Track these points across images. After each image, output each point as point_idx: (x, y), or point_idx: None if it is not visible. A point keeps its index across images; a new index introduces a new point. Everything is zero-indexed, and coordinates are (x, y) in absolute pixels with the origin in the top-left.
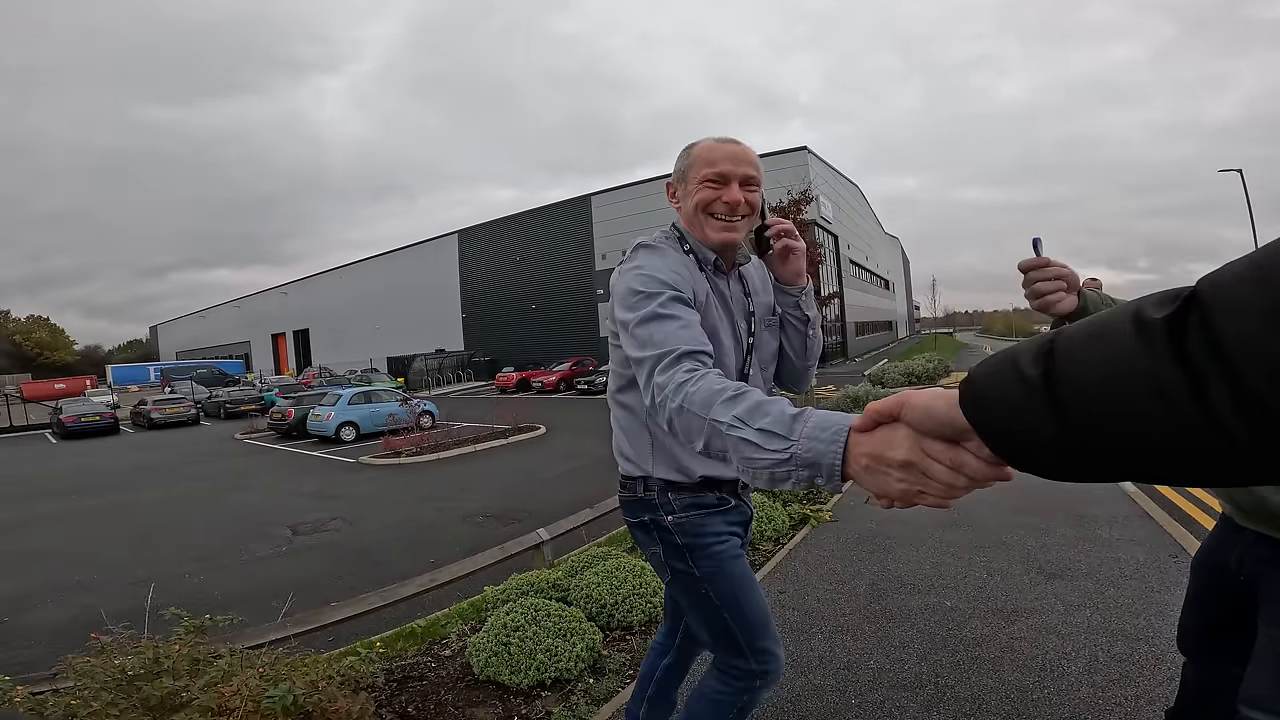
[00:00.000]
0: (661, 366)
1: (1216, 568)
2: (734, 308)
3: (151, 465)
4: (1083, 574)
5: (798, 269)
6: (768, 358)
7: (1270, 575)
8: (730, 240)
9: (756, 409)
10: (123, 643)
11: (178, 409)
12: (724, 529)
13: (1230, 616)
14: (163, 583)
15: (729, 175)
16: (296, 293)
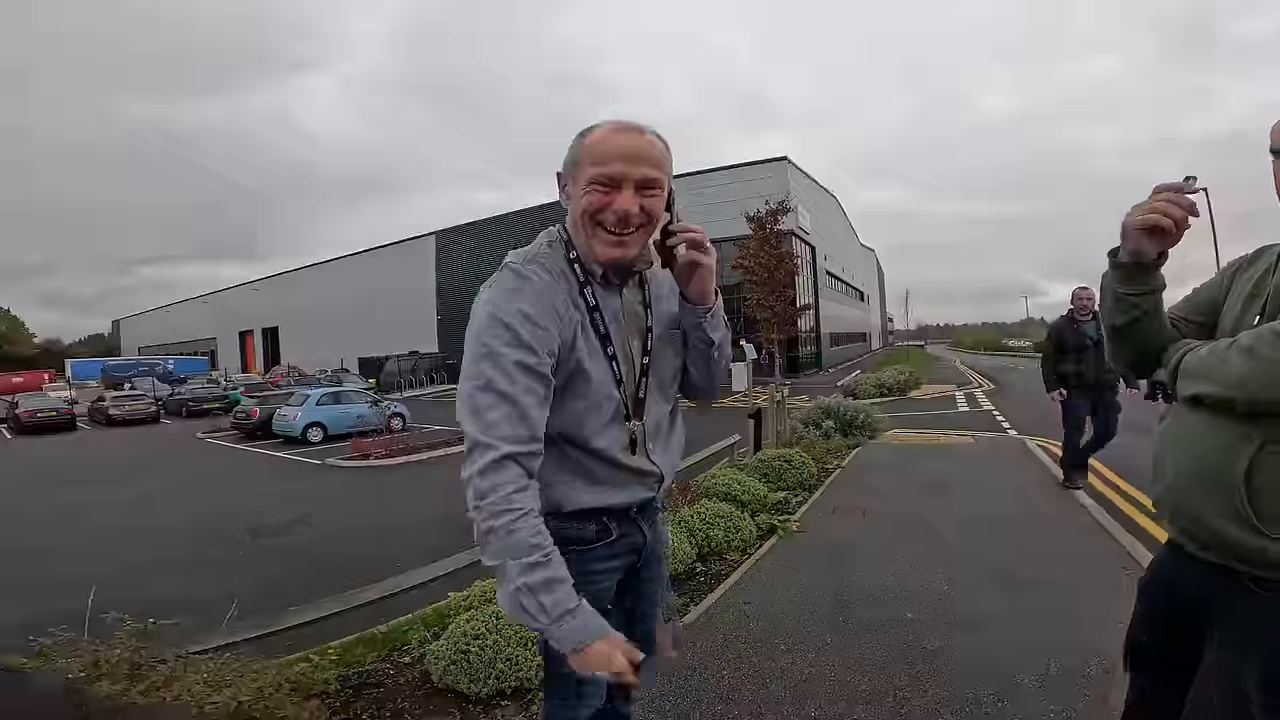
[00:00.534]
0: (484, 467)
1: (1165, 591)
2: (627, 324)
3: (107, 463)
4: (1038, 586)
5: (704, 288)
6: (668, 376)
7: (1220, 603)
8: (619, 258)
9: (547, 585)
10: (63, 646)
11: (137, 406)
12: (597, 568)
13: (1177, 639)
14: (112, 586)
15: (622, 178)
16: (268, 289)
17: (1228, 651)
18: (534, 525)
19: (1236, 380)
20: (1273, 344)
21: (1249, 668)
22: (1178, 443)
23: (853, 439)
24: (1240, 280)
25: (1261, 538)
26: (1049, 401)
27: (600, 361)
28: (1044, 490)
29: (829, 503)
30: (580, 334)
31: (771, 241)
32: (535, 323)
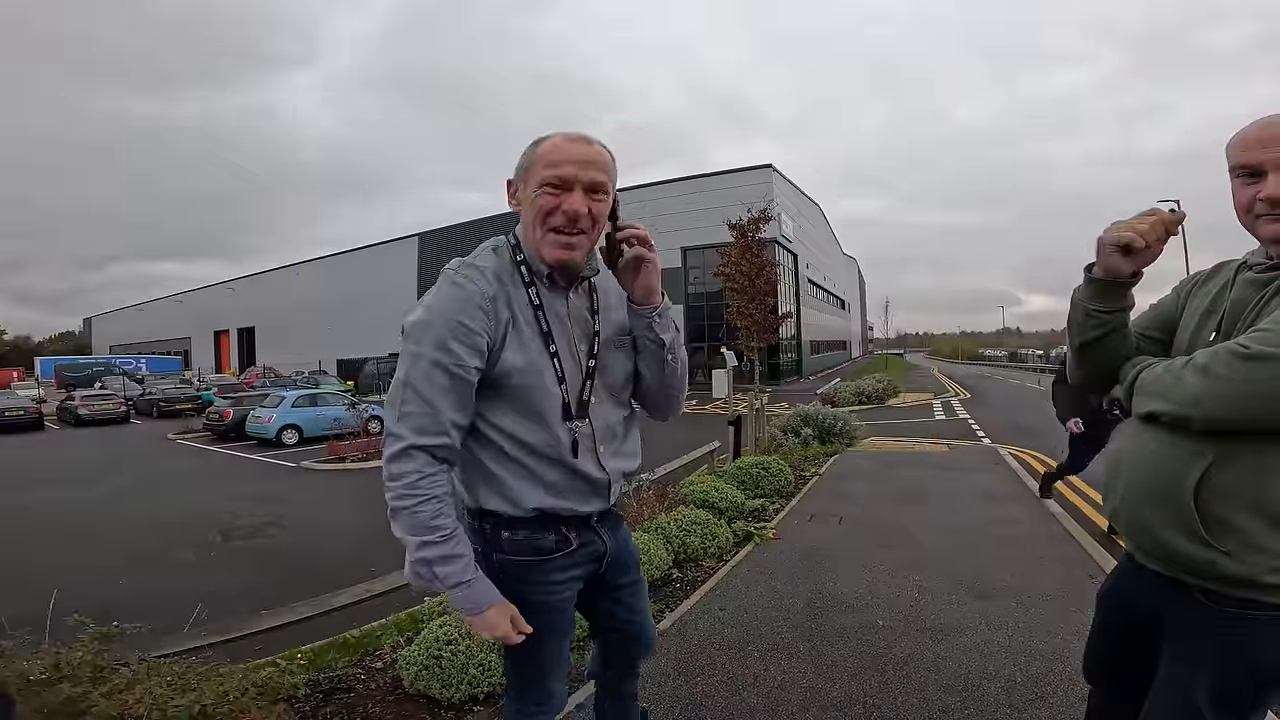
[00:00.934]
0: (393, 455)
1: (1121, 603)
2: (574, 326)
3: (75, 464)
4: (1007, 594)
5: (649, 285)
6: (618, 381)
7: (1171, 615)
8: (567, 259)
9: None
10: (23, 648)
11: (107, 406)
12: (558, 577)
13: (1133, 650)
14: (78, 588)
15: (572, 180)
16: (245, 289)
17: (1178, 664)
18: (434, 509)
19: (1191, 399)
20: (1228, 364)
21: (1199, 680)
22: (1131, 458)
23: (831, 446)
24: (1197, 296)
25: (1211, 550)
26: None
27: (542, 358)
28: (1017, 499)
29: (806, 510)
30: (516, 331)
31: (753, 249)
32: (461, 325)
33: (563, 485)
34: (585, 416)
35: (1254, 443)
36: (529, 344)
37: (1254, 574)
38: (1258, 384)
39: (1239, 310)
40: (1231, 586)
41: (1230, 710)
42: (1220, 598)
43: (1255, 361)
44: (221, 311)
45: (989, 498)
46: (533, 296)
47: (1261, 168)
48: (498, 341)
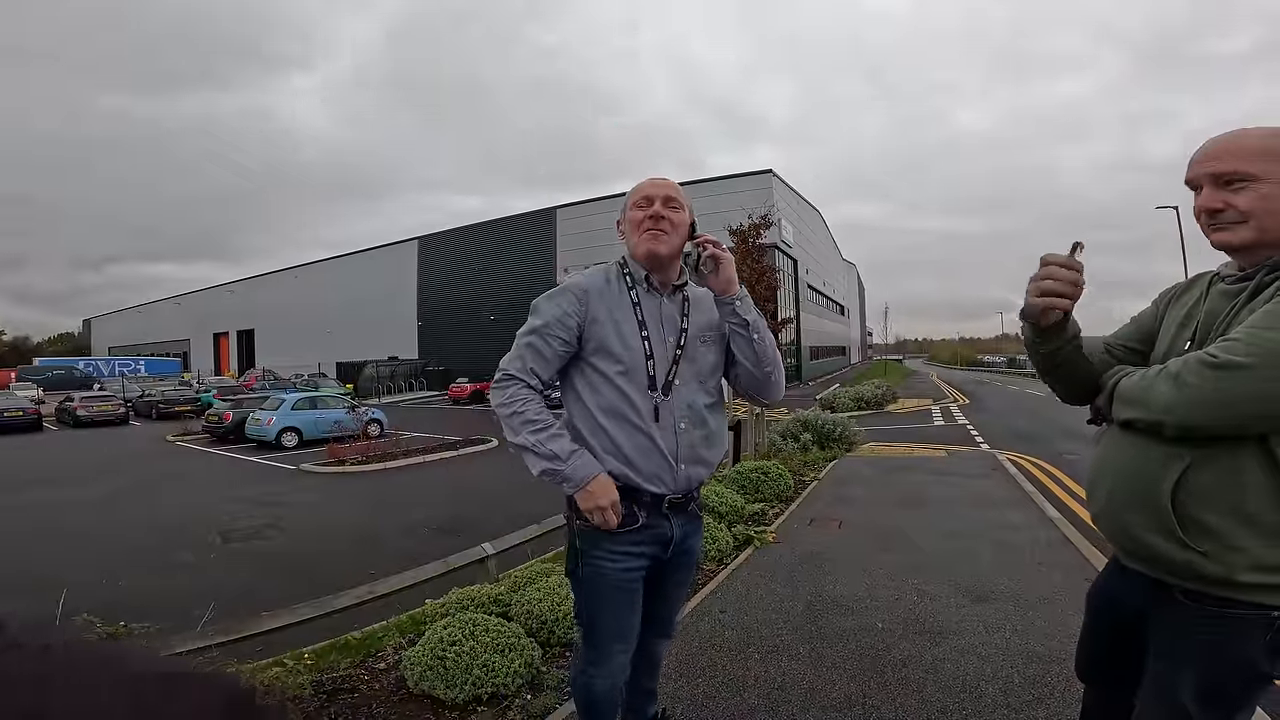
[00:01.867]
0: (499, 380)
1: (1109, 603)
2: (664, 323)
3: (74, 465)
4: (1005, 597)
5: (728, 276)
6: (706, 371)
7: (1155, 614)
8: (654, 250)
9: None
10: None
11: (105, 407)
12: (624, 548)
13: (1123, 648)
14: (81, 587)
15: (653, 196)
16: (244, 291)
17: (1163, 662)
18: (535, 409)
19: (1164, 406)
20: (1198, 372)
21: (1184, 679)
22: (1112, 462)
23: (830, 451)
24: (1175, 307)
25: (1188, 551)
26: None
27: (635, 339)
28: (1014, 504)
29: (806, 514)
30: (614, 321)
31: (754, 255)
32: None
33: (640, 456)
34: (668, 393)
35: (1227, 446)
36: (625, 330)
37: (1231, 574)
38: (1225, 391)
39: (1212, 320)
40: (1210, 586)
41: (1215, 707)
42: (1200, 597)
43: (1223, 370)
44: (221, 313)
45: (987, 503)
46: (633, 297)
47: (1198, 182)
48: (586, 324)
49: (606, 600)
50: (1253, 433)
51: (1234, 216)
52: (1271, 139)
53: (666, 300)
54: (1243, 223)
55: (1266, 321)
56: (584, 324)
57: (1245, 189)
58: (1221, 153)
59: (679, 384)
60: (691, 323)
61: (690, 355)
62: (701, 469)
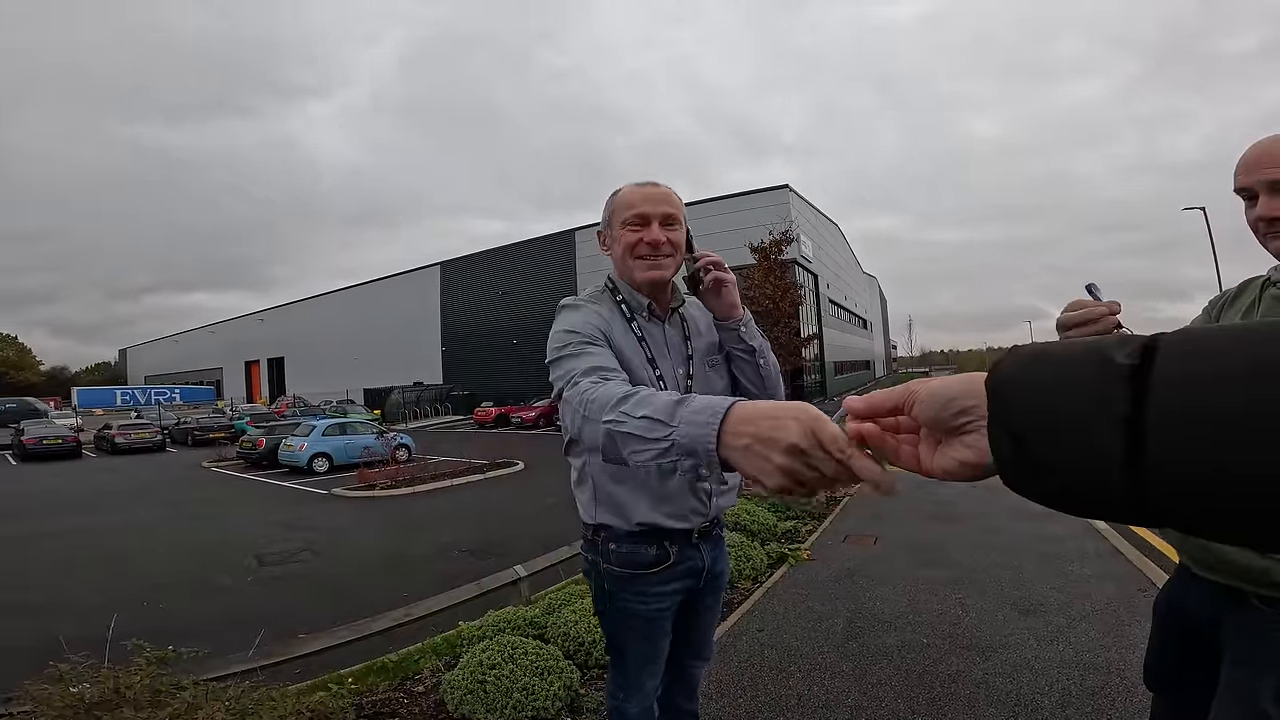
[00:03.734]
0: (568, 385)
1: (1178, 611)
2: (671, 352)
3: (114, 490)
4: (1054, 609)
5: (731, 300)
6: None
7: (1229, 622)
8: (657, 278)
9: (641, 402)
10: (81, 671)
11: (143, 434)
12: (657, 588)
13: (1193, 656)
14: (122, 610)
15: (649, 216)
16: (273, 320)
17: (1241, 669)
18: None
19: None
20: None
21: (1264, 685)
22: None
23: None
24: (1228, 314)
25: (1265, 559)
26: None
27: (645, 375)
28: (1053, 515)
29: (839, 530)
30: (624, 349)
31: (776, 272)
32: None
33: (672, 497)
34: None
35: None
36: (637, 368)
37: None
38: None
39: None
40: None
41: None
42: (1277, 603)
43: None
44: (251, 342)
45: (1025, 514)
46: (635, 330)
47: (1253, 190)
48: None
49: (638, 636)
50: None
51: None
52: None
53: (669, 327)
54: None
55: None
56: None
57: None
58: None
59: None
60: (695, 348)
61: (700, 381)
62: (729, 497)
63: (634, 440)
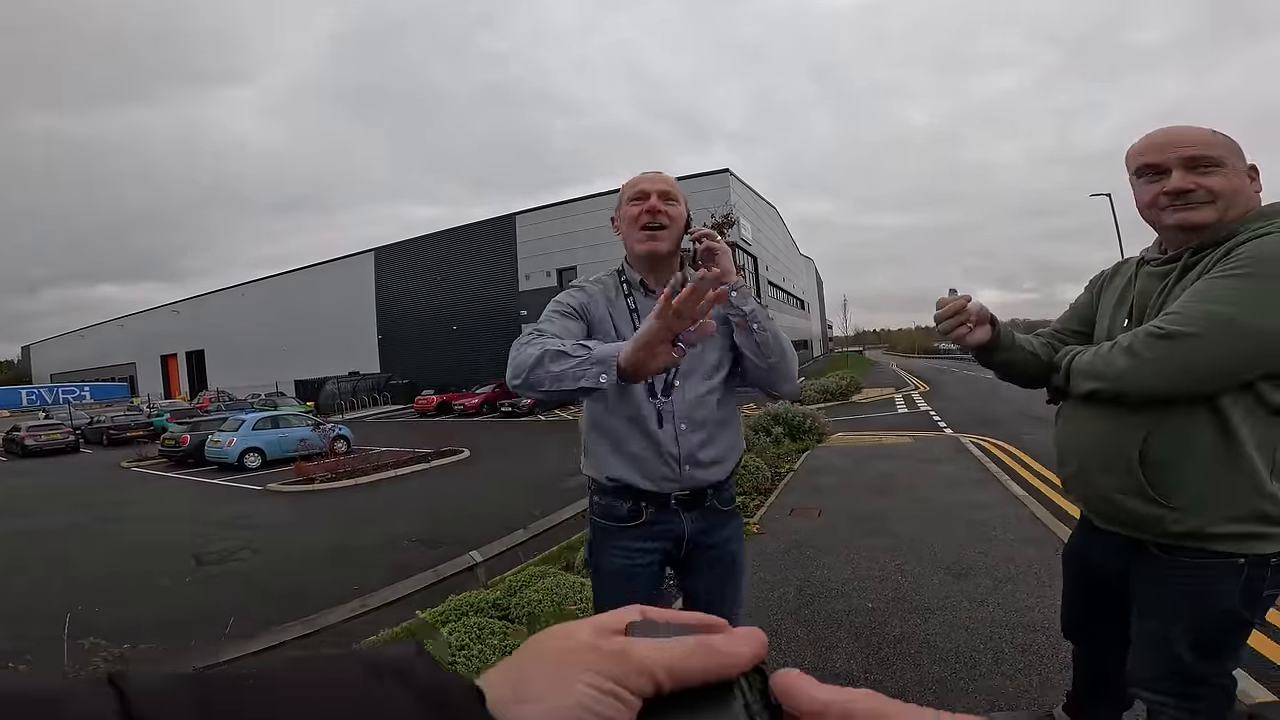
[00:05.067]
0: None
1: (1085, 564)
2: None
3: (30, 494)
4: (983, 572)
5: (725, 267)
6: (708, 365)
7: (1134, 573)
8: (652, 249)
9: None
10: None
11: (54, 435)
12: (629, 543)
13: (1104, 607)
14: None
15: (648, 191)
16: (190, 311)
17: (1151, 618)
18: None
19: (1119, 375)
20: (1148, 344)
21: (1174, 632)
22: (1078, 433)
23: (802, 443)
24: (1108, 291)
25: (1160, 508)
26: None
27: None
28: (981, 485)
29: (785, 505)
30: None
31: None
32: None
33: (644, 457)
34: (669, 396)
35: (1183, 409)
36: (626, 335)
37: (1203, 526)
38: (1175, 359)
39: (1145, 300)
40: (1183, 539)
41: (1208, 657)
42: (1174, 550)
43: (1169, 340)
44: (167, 335)
45: (956, 484)
46: (630, 304)
47: (1166, 166)
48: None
49: (613, 589)
50: (1203, 394)
51: (1204, 197)
52: (1222, 136)
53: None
54: (1210, 203)
55: (1200, 296)
56: (589, 319)
57: (1215, 173)
58: (1191, 141)
59: (679, 385)
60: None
61: (691, 355)
62: (704, 470)
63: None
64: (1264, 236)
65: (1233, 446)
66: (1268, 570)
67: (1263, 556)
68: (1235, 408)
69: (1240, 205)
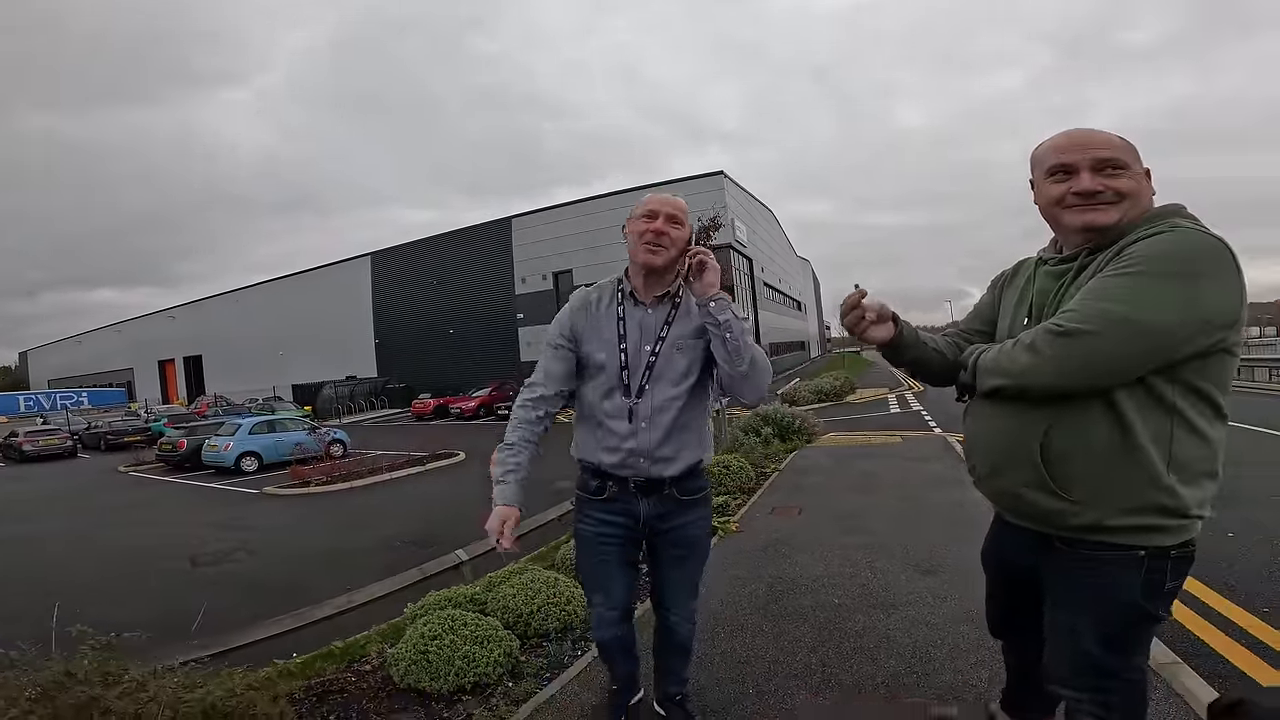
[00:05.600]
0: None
1: (1000, 560)
2: (644, 333)
3: (29, 499)
4: (950, 569)
5: (707, 281)
6: (676, 375)
7: (1044, 565)
8: (649, 260)
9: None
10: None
11: (52, 441)
12: (596, 515)
13: (1022, 602)
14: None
15: (658, 211)
16: (187, 316)
17: (1060, 611)
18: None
19: (1022, 371)
20: (1047, 341)
21: (1081, 625)
22: (984, 429)
23: (791, 444)
24: (1008, 291)
25: (1061, 501)
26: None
27: (614, 352)
28: (963, 484)
29: (767, 504)
30: (600, 327)
31: None
32: (560, 322)
33: (611, 446)
34: (640, 397)
35: (1080, 404)
36: (608, 341)
37: (1101, 519)
38: (1073, 355)
39: (1044, 299)
40: (1085, 533)
41: (1115, 650)
42: (1077, 544)
43: (1068, 337)
44: (164, 340)
45: (940, 483)
46: (619, 312)
47: (1075, 166)
48: (582, 334)
49: (584, 555)
50: (1099, 389)
51: (1111, 198)
52: (1126, 140)
53: (651, 311)
54: (1115, 204)
55: (1096, 294)
56: (575, 334)
57: (1121, 175)
58: (1102, 143)
59: (650, 388)
60: (672, 331)
61: (664, 359)
62: (659, 465)
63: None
64: (1155, 236)
65: (1128, 440)
66: (1168, 562)
67: (1163, 549)
68: (1129, 401)
69: (1139, 207)
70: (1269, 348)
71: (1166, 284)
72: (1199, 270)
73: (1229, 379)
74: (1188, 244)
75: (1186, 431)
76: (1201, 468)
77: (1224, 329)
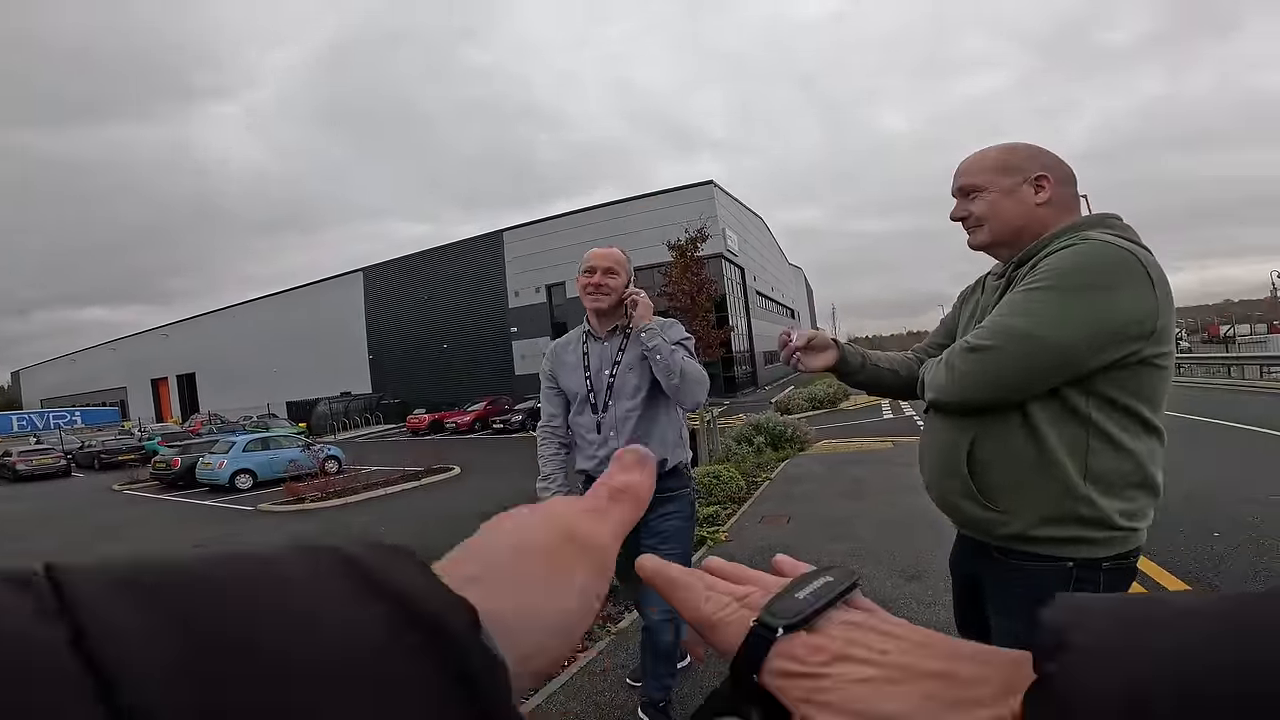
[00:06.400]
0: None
1: (955, 567)
2: (604, 361)
3: (23, 518)
4: (934, 574)
5: (638, 315)
6: (629, 391)
7: (983, 571)
8: (594, 307)
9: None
10: None
11: (45, 460)
12: None
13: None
14: None
15: (596, 267)
16: (180, 334)
17: (1000, 617)
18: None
19: (942, 387)
20: (961, 357)
21: (1021, 632)
22: (928, 441)
23: (783, 452)
24: (967, 304)
25: (989, 511)
26: None
27: (579, 377)
28: None
29: (757, 513)
30: (572, 365)
31: (692, 268)
32: (544, 370)
33: (589, 454)
34: (607, 410)
35: (999, 416)
36: (576, 371)
37: (1025, 529)
38: (984, 372)
39: (985, 313)
40: (1014, 542)
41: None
42: (1010, 553)
43: (976, 353)
44: (157, 358)
45: (925, 489)
46: (584, 347)
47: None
48: (558, 374)
49: None
50: (1013, 402)
51: (974, 221)
52: (1005, 153)
53: (607, 343)
54: (980, 226)
55: (1004, 310)
56: (554, 375)
57: (978, 198)
58: (963, 170)
59: (612, 403)
60: (625, 356)
61: (620, 381)
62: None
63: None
64: (1063, 250)
65: (1044, 451)
66: (1099, 574)
67: (1093, 560)
68: (1043, 414)
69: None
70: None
71: (1070, 297)
72: (1105, 283)
73: (1157, 391)
74: (1094, 256)
75: (1103, 443)
76: (1126, 479)
77: (1136, 340)
